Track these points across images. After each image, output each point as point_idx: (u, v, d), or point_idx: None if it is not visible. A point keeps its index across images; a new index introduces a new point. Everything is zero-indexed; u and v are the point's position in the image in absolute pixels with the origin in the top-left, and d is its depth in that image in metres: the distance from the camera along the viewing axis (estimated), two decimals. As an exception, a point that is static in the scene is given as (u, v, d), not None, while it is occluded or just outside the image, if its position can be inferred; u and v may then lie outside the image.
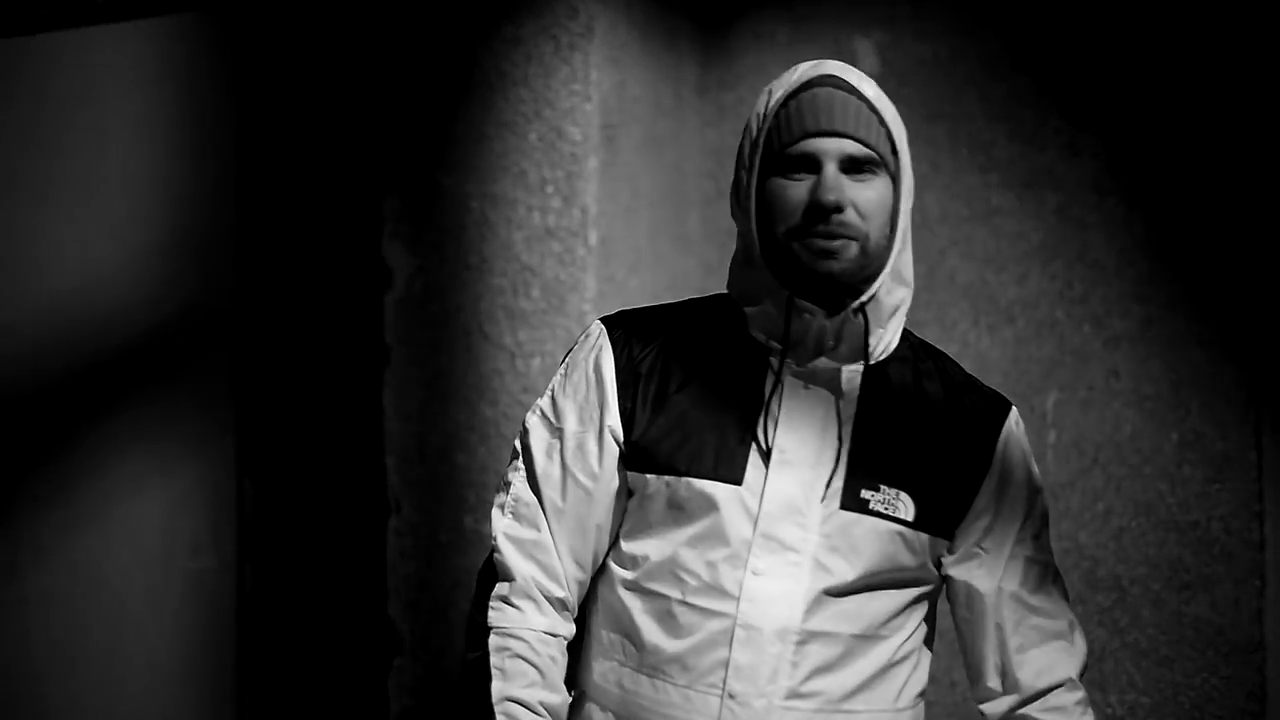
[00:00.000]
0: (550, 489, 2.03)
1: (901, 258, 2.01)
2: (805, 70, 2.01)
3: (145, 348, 3.37)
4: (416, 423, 3.04)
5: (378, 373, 3.10)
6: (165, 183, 3.37)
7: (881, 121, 1.99)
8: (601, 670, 2.04)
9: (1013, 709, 2.09)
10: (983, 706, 2.13)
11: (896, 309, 2.03)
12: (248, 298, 3.28)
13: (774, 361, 2.00)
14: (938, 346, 2.17)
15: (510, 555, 2.03)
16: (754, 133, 2.01)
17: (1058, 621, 2.10)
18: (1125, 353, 2.88)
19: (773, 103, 2.00)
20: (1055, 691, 2.07)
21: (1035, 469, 2.13)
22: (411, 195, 3.08)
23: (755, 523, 1.96)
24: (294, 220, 3.25)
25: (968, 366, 2.96)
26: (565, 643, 2.05)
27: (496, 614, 2.02)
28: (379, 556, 3.07)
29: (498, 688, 1.98)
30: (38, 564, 3.42)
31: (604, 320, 2.09)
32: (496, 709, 1.98)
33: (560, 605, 2.03)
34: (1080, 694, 2.08)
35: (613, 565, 2.04)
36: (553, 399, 2.07)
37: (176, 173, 3.36)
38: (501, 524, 2.05)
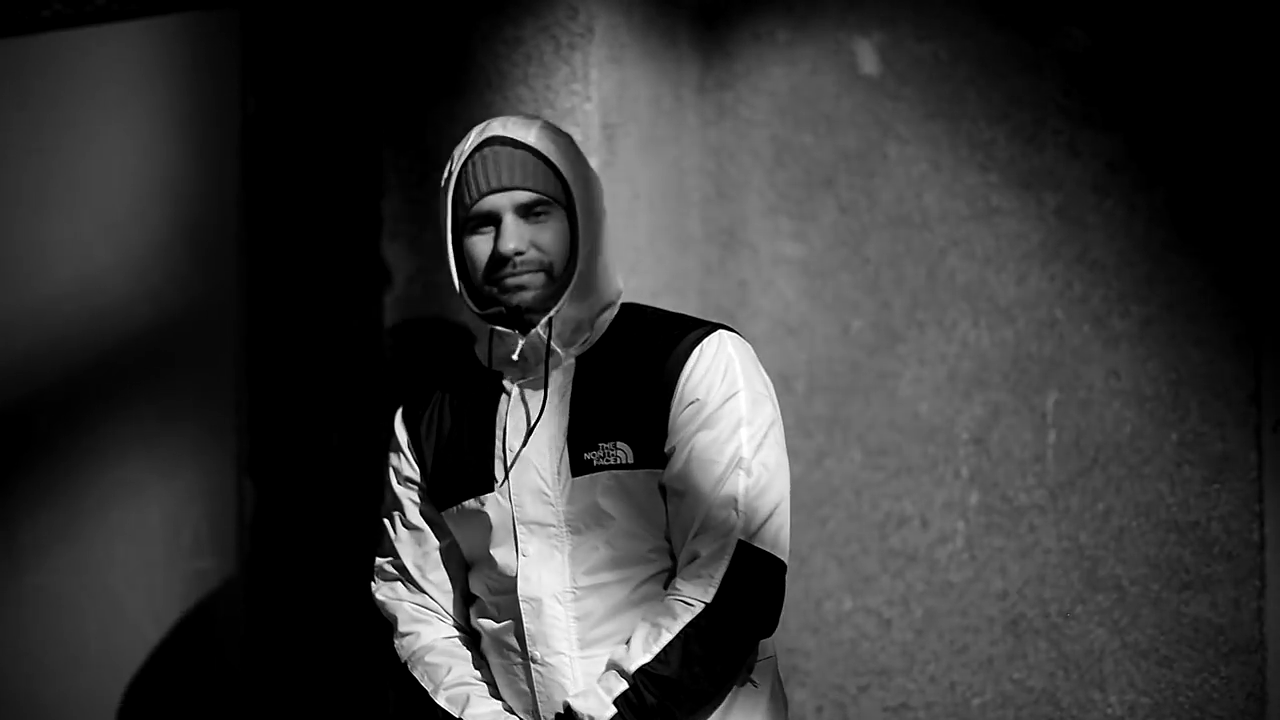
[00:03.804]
0: (405, 550, 2.42)
1: (590, 276, 2.30)
2: (476, 134, 2.32)
3: (146, 347, 3.37)
4: (416, 423, 3.04)
5: (378, 372, 3.10)
6: (165, 183, 3.37)
7: (549, 165, 2.28)
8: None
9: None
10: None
11: (595, 316, 2.32)
12: (248, 298, 3.28)
13: (505, 383, 2.35)
14: (652, 307, 2.43)
15: (390, 606, 2.43)
16: (444, 196, 2.32)
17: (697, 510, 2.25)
18: (1125, 353, 2.88)
19: (455, 168, 2.31)
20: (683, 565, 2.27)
21: (727, 377, 2.27)
22: (411, 195, 3.08)
23: (512, 514, 2.30)
24: (294, 220, 3.25)
25: (967, 366, 2.97)
26: (465, 643, 2.41)
27: (400, 649, 2.40)
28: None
29: (429, 688, 2.34)
30: (38, 564, 3.42)
31: (401, 407, 2.48)
32: (438, 699, 2.32)
33: (443, 619, 2.42)
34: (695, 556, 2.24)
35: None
36: (387, 484, 2.47)
37: (176, 173, 3.37)
38: (375, 588, 2.47)
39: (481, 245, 2.29)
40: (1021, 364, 2.94)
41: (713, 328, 2.32)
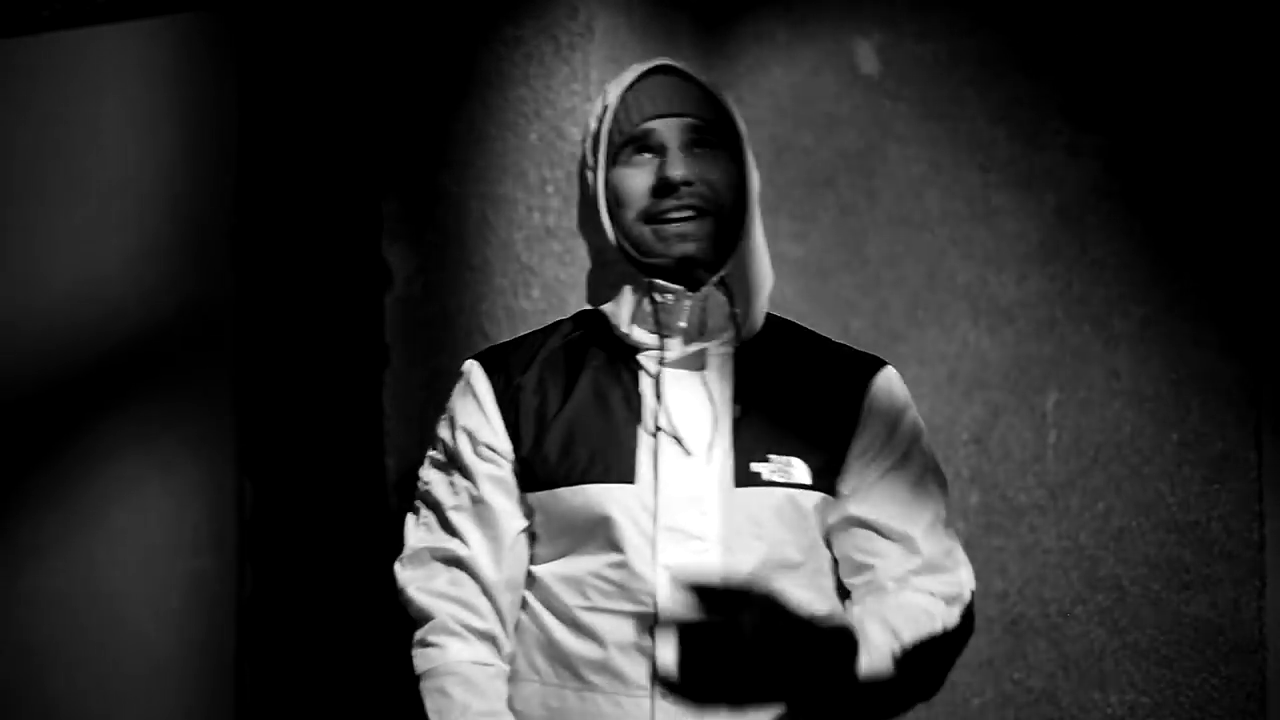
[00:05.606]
0: (464, 525, 2.04)
1: (757, 236, 2.02)
2: (639, 66, 2.04)
3: (145, 348, 3.37)
4: (416, 423, 3.04)
5: (378, 373, 3.10)
6: (165, 183, 3.37)
7: (720, 103, 2.02)
8: (524, 695, 2.02)
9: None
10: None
11: (761, 286, 2.03)
12: (248, 298, 3.28)
13: (642, 358, 2.02)
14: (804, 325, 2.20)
15: (423, 600, 2.03)
16: (594, 130, 2.02)
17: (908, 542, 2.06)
18: (1125, 353, 2.88)
19: (611, 98, 2.02)
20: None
21: (912, 420, 2.11)
22: (411, 196, 3.08)
23: (655, 517, 1.94)
24: (294, 220, 3.25)
25: (967, 366, 2.97)
26: (500, 672, 2.02)
27: (419, 659, 2.02)
28: (379, 556, 3.07)
29: None
30: (38, 564, 3.42)
31: (475, 357, 2.11)
32: None
33: (483, 636, 2.02)
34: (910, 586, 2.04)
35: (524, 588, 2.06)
36: (443, 445, 2.09)
37: (176, 173, 3.37)
38: (405, 576, 2.07)
39: (637, 178, 1.98)
40: (1021, 364, 2.94)
41: (879, 359, 2.13)
